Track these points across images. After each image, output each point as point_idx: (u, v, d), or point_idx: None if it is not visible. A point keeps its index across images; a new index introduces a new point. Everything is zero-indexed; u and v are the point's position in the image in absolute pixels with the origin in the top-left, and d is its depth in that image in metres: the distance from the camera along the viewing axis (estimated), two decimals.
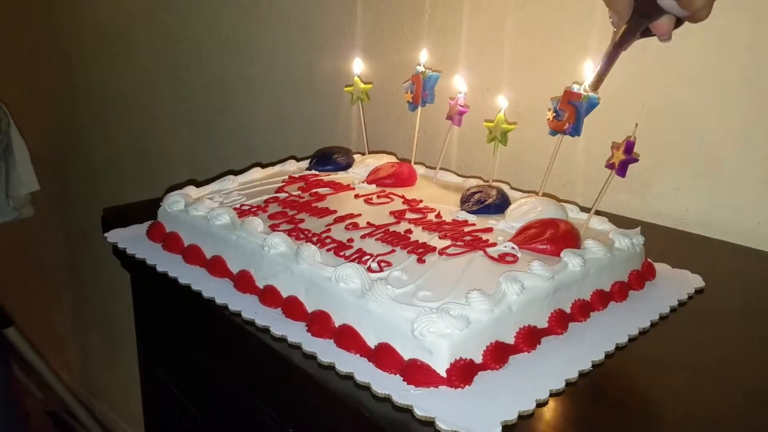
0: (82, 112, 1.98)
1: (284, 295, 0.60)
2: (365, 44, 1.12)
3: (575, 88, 0.67)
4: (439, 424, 0.45)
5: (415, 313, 0.50)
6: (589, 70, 0.68)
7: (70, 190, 2.14)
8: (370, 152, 0.91)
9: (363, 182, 0.81)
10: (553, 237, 0.62)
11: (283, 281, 0.61)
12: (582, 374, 0.51)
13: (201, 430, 0.76)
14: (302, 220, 0.69)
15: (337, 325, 0.56)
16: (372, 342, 0.53)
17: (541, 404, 0.48)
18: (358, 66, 0.90)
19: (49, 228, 2.27)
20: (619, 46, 0.60)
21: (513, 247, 0.62)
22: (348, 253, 0.61)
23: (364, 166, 0.85)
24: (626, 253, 0.64)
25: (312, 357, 0.54)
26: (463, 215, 0.71)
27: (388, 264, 0.59)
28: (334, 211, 0.71)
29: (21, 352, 2.06)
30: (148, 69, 1.62)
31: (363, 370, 0.51)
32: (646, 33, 0.60)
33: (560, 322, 0.56)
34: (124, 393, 2.05)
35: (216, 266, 0.67)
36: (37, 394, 2.24)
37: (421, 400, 0.47)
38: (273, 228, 0.67)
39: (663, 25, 0.58)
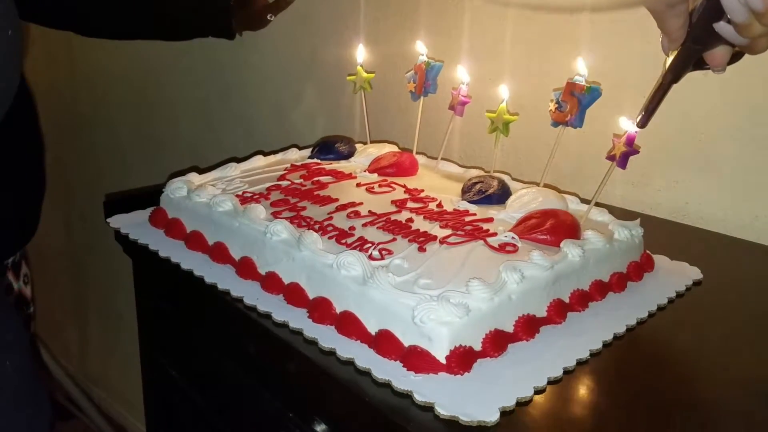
0: (83, 99, 1.98)
1: (286, 281, 0.61)
2: (368, 33, 1.11)
3: (577, 79, 0.67)
4: (439, 410, 0.46)
5: (416, 301, 0.51)
6: (582, 66, 0.68)
7: (71, 176, 2.14)
8: (372, 141, 0.91)
9: (365, 171, 0.82)
10: (553, 227, 0.63)
11: (285, 268, 0.61)
12: (580, 363, 0.52)
13: (201, 415, 0.77)
14: (304, 208, 0.70)
15: (338, 311, 0.56)
16: (373, 329, 0.54)
17: (539, 391, 0.48)
18: (360, 54, 0.90)
19: (49, 214, 2.26)
20: (671, 80, 0.55)
21: (513, 237, 0.62)
22: (349, 241, 0.62)
23: (366, 155, 0.86)
24: (625, 244, 0.65)
25: (313, 343, 0.54)
26: (464, 205, 0.71)
27: (389, 252, 0.60)
28: (336, 200, 0.72)
29: None
30: (149, 56, 1.62)
31: (364, 356, 0.52)
32: (700, 64, 0.55)
33: (559, 311, 0.57)
34: (123, 379, 2.06)
35: (218, 252, 0.68)
36: None
37: (420, 386, 0.48)
38: (275, 215, 0.67)
39: (719, 54, 0.53)
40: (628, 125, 0.61)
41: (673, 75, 0.55)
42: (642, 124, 0.58)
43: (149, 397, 0.89)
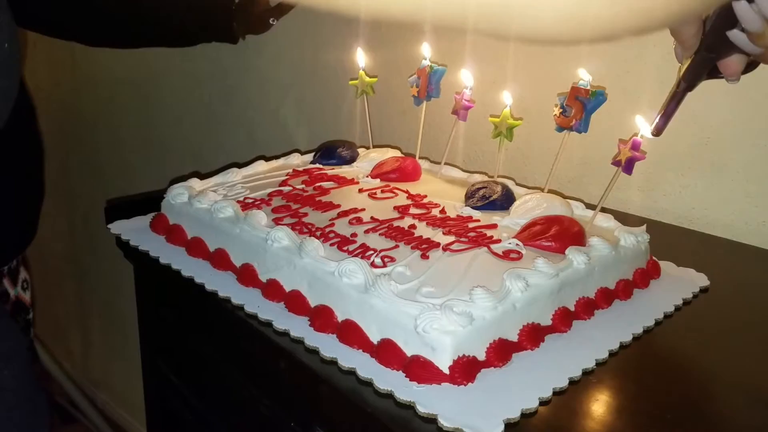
0: (85, 103, 1.98)
1: (287, 289, 0.60)
2: (370, 37, 1.11)
3: (582, 84, 0.67)
4: (442, 422, 0.45)
5: (419, 310, 0.50)
6: (584, 74, 0.67)
7: (74, 179, 2.14)
8: (374, 146, 0.90)
9: (367, 176, 0.81)
10: (557, 234, 0.62)
11: (286, 275, 0.61)
12: (586, 373, 0.51)
13: (202, 421, 0.76)
14: (306, 214, 0.69)
15: (339, 320, 0.56)
16: (375, 338, 0.53)
17: (544, 402, 0.48)
18: (362, 58, 0.89)
19: (51, 218, 2.27)
20: (686, 88, 0.55)
21: (517, 244, 0.62)
22: (351, 248, 0.61)
23: (368, 160, 0.85)
24: (631, 251, 0.64)
25: (314, 352, 0.54)
26: (467, 211, 0.70)
27: (392, 259, 0.59)
28: (338, 206, 0.71)
29: None
30: (151, 60, 1.62)
31: (365, 366, 0.51)
32: (714, 73, 0.54)
33: (564, 320, 0.56)
34: (126, 383, 2.06)
35: (219, 259, 0.67)
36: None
37: (423, 397, 0.47)
38: (276, 222, 0.66)
39: (732, 63, 0.52)
40: (643, 125, 0.60)
41: (687, 83, 0.55)
42: (657, 132, 0.58)
43: (151, 402, 0.89)
